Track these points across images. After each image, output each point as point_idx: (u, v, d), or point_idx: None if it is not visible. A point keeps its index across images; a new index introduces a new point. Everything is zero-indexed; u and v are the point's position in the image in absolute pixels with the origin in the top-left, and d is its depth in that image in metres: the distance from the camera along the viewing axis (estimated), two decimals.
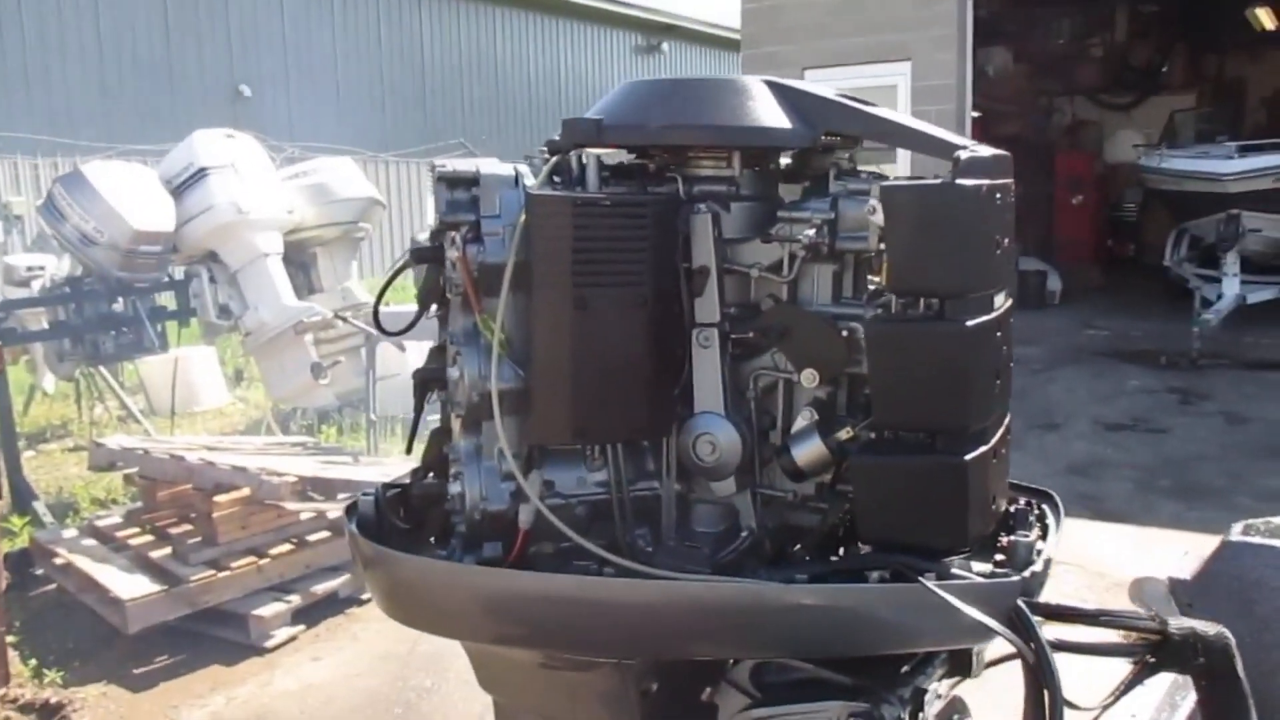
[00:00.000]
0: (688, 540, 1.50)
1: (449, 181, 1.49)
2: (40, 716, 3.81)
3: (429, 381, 1.58)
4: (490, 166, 1.49)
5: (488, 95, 19.12)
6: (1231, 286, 10.46)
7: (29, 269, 8.44)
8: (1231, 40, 15.14)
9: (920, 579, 1.27)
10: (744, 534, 1.50)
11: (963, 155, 1.33)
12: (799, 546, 1.51)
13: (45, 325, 6.68)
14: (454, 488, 1.48)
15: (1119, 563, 4.65)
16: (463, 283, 1.45)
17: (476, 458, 1.49)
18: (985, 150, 1.37)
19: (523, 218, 1.41)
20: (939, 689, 1.42)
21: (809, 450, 1.42)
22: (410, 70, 18.45)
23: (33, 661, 4.20)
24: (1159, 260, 12.29)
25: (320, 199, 6.90)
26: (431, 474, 1.60)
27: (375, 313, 1.71)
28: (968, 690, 1.56)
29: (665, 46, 23.87)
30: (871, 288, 1.45)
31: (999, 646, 1.47)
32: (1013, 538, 1.42)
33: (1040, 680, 1.24)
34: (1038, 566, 1.38)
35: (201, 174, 6.14)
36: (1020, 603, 1.27)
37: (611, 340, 1.42)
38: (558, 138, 1.49)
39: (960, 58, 9.74)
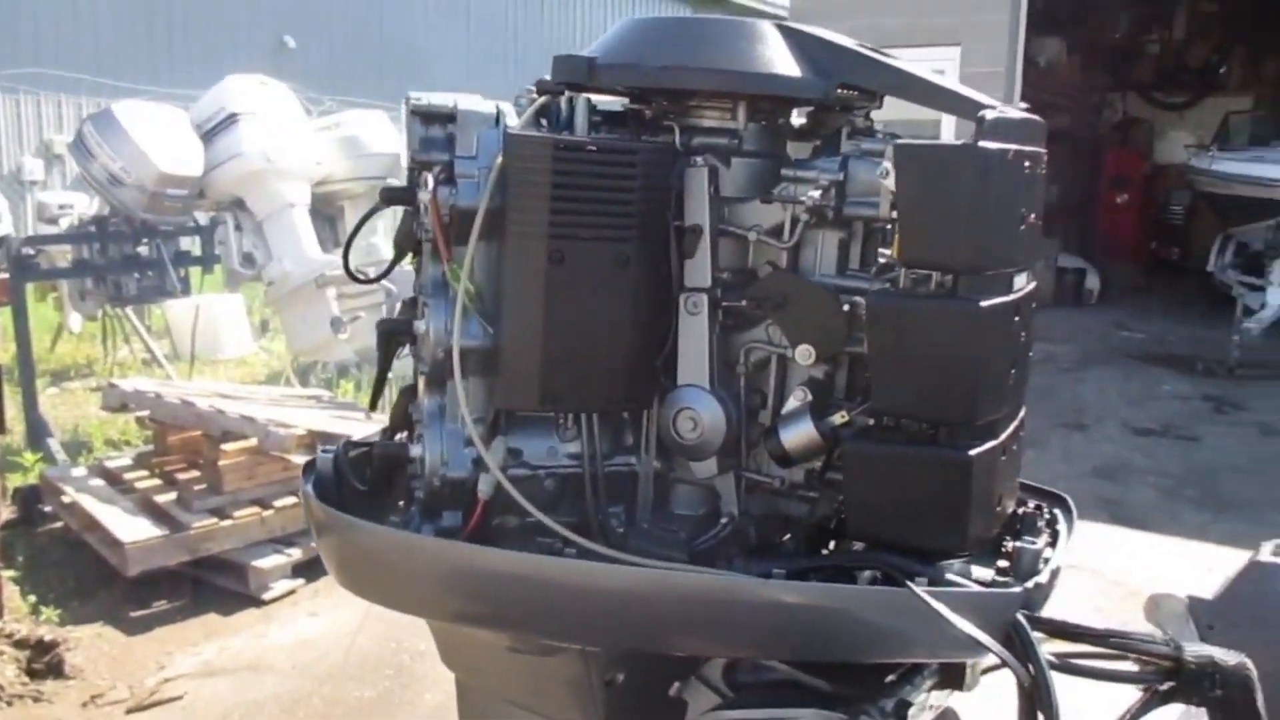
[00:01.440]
0: (664, 523, 1.39)
1: (423, 116, 1.37)
2: (34, 653, 3.79)
3: (394, 335, 1.47)
4: (469, 102, 1.37)
5: (536, 57, 18.95)
6: (1276, 296, 10.21)
7: (60, 207, 8.48)
8: None
9: (909, 584, 1.15)
10: (724, 520, 1.40)
11: (989, 115, 1.20)
12: (786, 538, 1.40)
13: (69, 263, 6.68)
14: (414, 450, 1.38)
15: (1138, 571, 4.52)
16: (432, 228, 1.35)
17: (439, 419, 1.39)
18: (1015, 112, 1.25)
19: (500, 160, 1.30)
20: (927, 701, 1.32)
21: (799, 434, 1.30)
22: (456, 29, 18.33)
23: (31, 598, 4.20)
24: (1203, 265, 12.01)
25: (350, 152, 6.83)
26: (398, 434, 1.51)
27: (345, 258, 1.62)
28: (964, 700, 1.46)
29: None
30: (881, 260, 1.33)
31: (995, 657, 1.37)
32: (1018, 544, 1.31)
33: (1036, 705, 1.12)
34: (1043, 577, 1.26)
35: (232, 119, 6.09)
36: (1020, 617, 1.16)
37: (589, 299, 1.31)
38: (548, 76, 1.38)
39: (1012, 45, 9.51)
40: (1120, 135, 15.95)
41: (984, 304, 1.19)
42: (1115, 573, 4.46)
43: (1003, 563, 1.31)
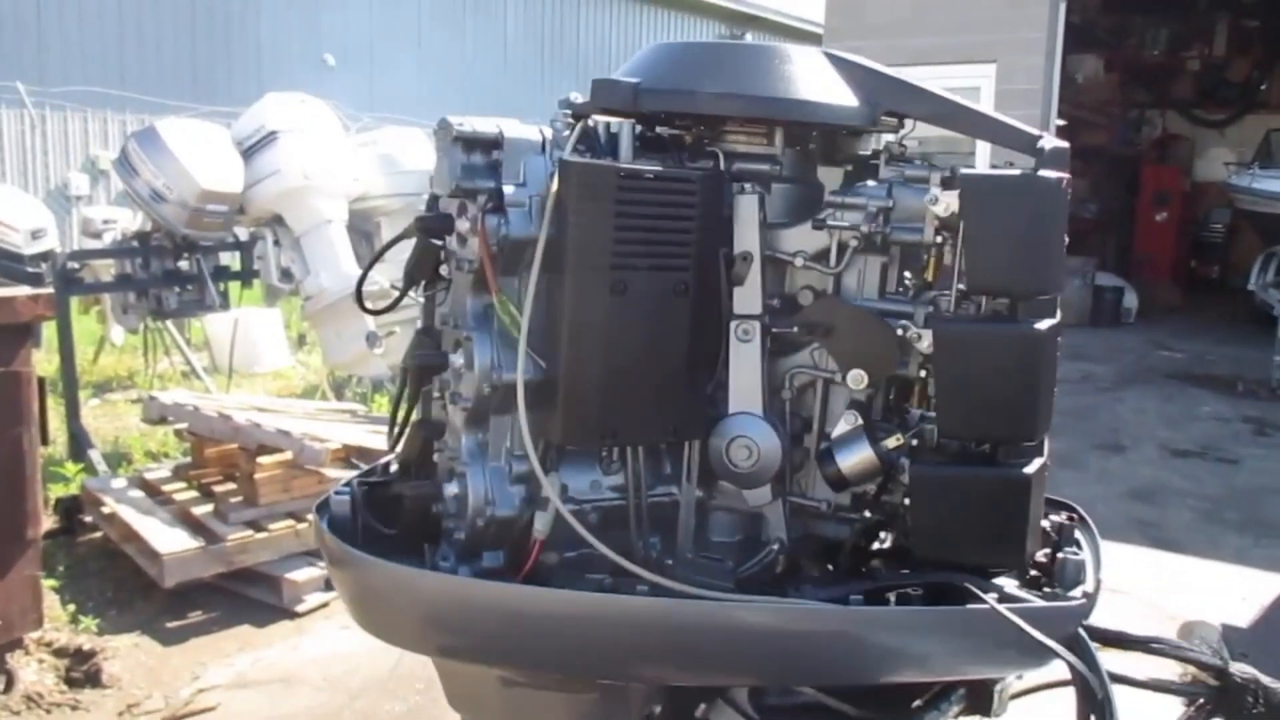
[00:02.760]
0: (704, 551, 1.38)
1: (466, 142, 1.32)
2: (73, 662, 3.84)
3: (426, 370, 1.42)
4: (513, 128, 1.34)
5: (568, 78, 19.10)
6: None
7: (104, 222, 8.62)
8: None
9: (989, 601, 1.16)
10: (773, 546, 1.38)
11: (1046, 146, 1.23)
12: (829, 563, 1.39)
13: (113, 277, 6.79)
14: (451, 489, 1.34)
15: (1174, 596, 4.46)
16: (477, 259, 1.30)
17: (480, 457, 1.35)
18: (1060, 142, 1.27)
19: (554, 187, 1.26)
20: None
21: (857, 458, 1.30)
22: (491, 50, 18.49)
23: (71, 607, 4.26)
24: (1243, 283, 11.84)
25: (387, 169, 6.91)
26: (407, 472, 1.45)
27: (359, 288, 1.58)
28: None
29: (749, 37, 23.65)
30: (910, 282, 1.34)
31: (1021, 681, 1.37)
32: (1061, 555, 1.31)
33: (1097, 713, 1.15)
34: (1089, 587, 1.28)
35: (272, 137, 6.18)
36: (1080, 629, 1.18)
37: (648, 331, 1.28)
38: (575, 99, 1.36)
39: (1049, 62, 9.46)
40: (1159, 152, 15.78)
41: (1042, 327, 1.22)
42: (1151, 596, 4.40)
43: (1033, 573, 1.31)
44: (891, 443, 1.29)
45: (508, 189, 1.30)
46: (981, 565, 1.26)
